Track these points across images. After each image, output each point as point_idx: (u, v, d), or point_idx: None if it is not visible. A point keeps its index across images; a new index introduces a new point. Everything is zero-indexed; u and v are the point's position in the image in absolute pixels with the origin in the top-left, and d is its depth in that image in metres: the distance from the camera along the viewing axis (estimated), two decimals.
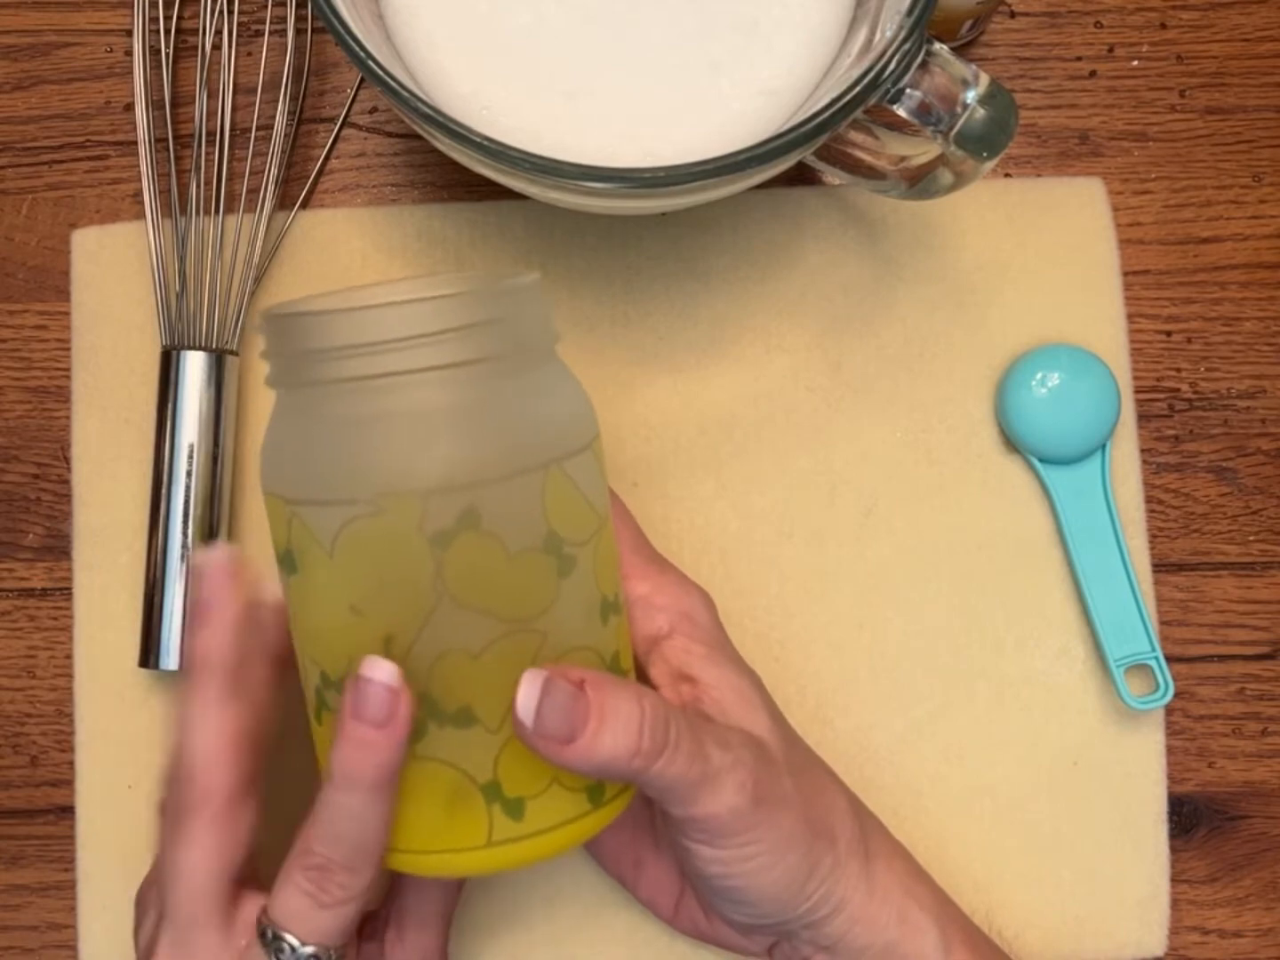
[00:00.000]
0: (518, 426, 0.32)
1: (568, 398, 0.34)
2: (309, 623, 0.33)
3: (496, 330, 0.31)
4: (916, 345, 0.45)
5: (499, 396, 0.31)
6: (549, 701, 0.30)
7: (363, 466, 0.30)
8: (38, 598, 0.44)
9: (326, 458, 0.31)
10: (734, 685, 0.36)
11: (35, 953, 0.43)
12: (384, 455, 0.30)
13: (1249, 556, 0.45)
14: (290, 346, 0.31)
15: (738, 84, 0.38)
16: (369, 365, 0.30)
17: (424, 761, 0.31)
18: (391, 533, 0.30)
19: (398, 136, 0.46)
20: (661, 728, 0.31)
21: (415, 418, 0.30)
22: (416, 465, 0.30)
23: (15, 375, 0.45)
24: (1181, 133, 0.46)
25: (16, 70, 0.46)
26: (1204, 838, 0.44)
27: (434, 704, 0.31)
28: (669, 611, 0.36)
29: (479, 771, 0.31)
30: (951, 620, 0.44)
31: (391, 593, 0.31)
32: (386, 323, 0.30)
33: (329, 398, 0.31)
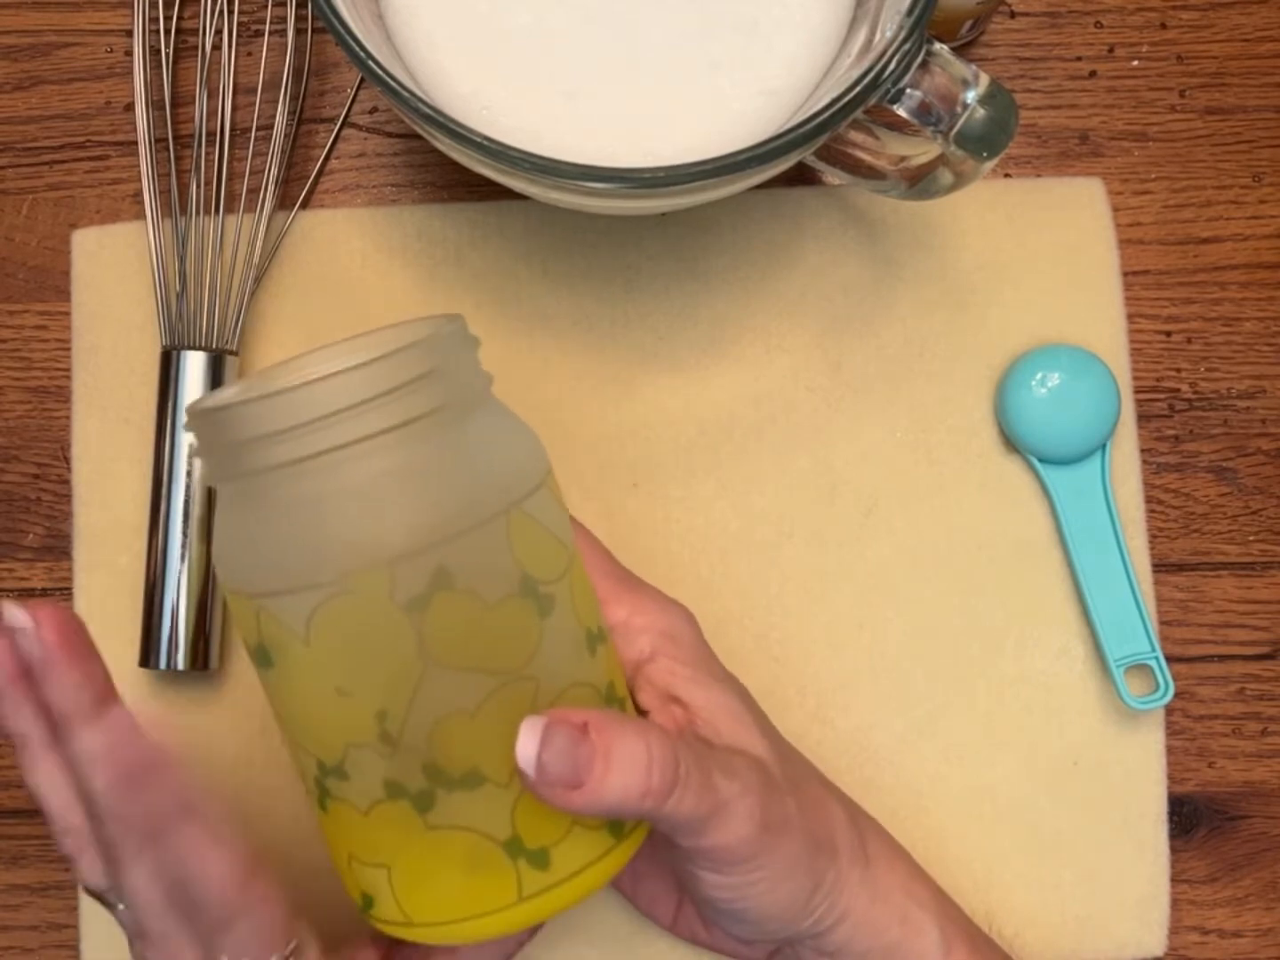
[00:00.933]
0: (470, 476, 0.31)
1: (514, 437, 0.33)
2: (295, 714, 0.32)
3: (428, 385, 0.30)
4: (916, 345, 0.45)
5: (444, 450, 0.31)
6: (550, 749, 0.29)
7: (322, 547, 0.30)
8: (37, 598, 0.44)
9: (282, 545, 0.30)
10: (725, 706, 0.35)
11: (35, 953, 0.43)
12: (341, 532, 0.29)
13: (1249, 556, 0.45)
14: (223, 439, 0.30)
15: (738, 84, 0.38)
16: (306, 445, 0.29)
17: (438, 831, 0.31)
18: (365, 608, 0.29)
19: (398, 136, 0.46)
20: (670, 764, 0.31)
21: (365, 488, 0.30)
22: (376, 536, 0.29)
23: (15, 375, 0.45)
24: (1181, 133, 0.46)
25: (17, 70, 0.46)
26: (1204, 838, 0.44)
27: (439, 771, 0.30)
28: (649, 633, 0.35)
29: (498, 830, 0.31)
30: (951, 620, 0.44)
31: (375, 668, 0.30)
32: (320, 397, 0.29)
33: (272, 483, 0.30)
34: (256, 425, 0.29)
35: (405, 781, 0.30)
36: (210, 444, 0.31)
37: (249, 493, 0.31)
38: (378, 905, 0.32)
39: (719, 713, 0.35)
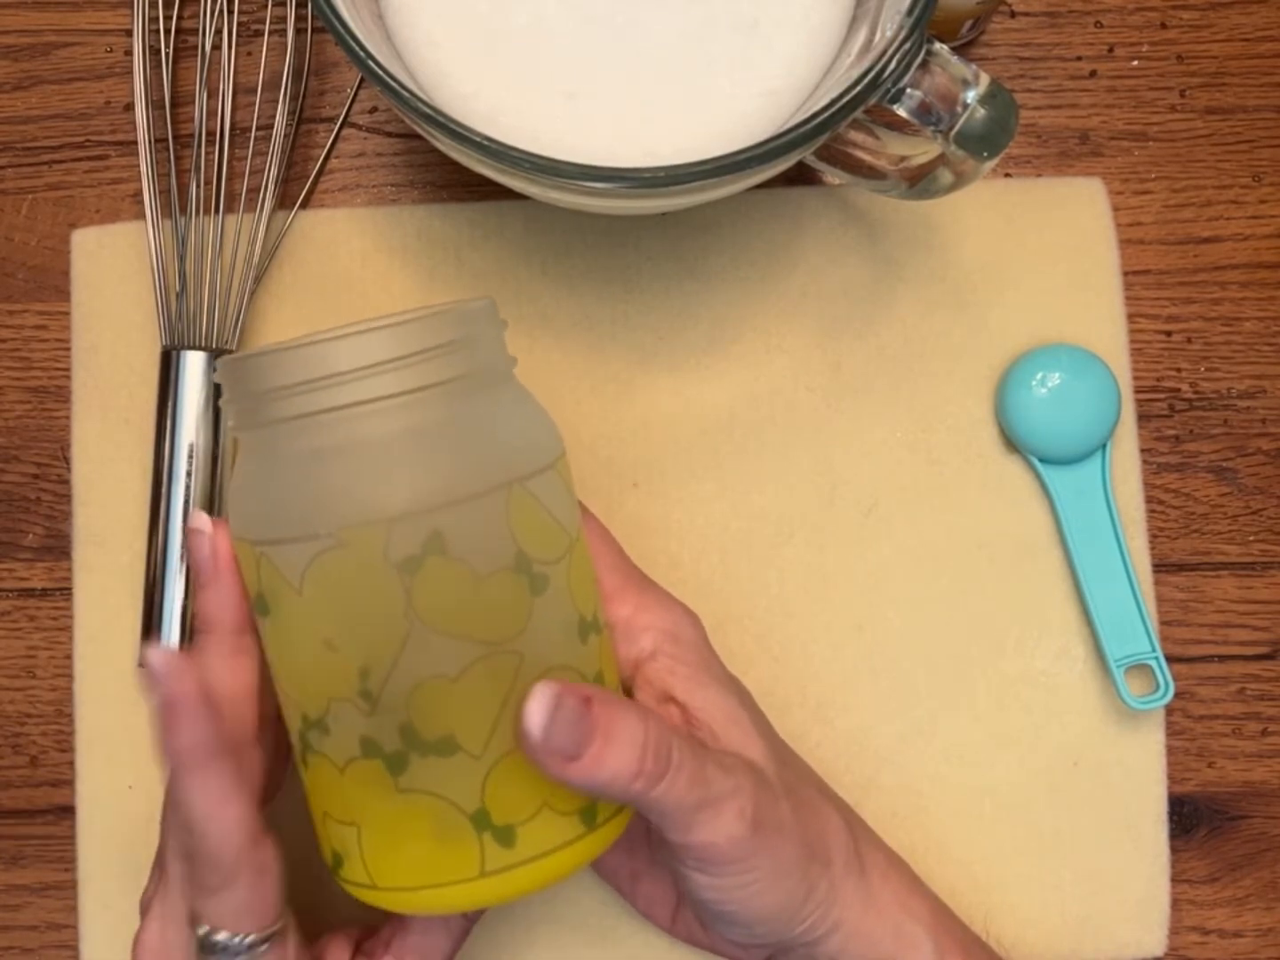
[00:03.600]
0: (476, 448, 0.32)
1: (527, 418, 0.34)
2: (286, 664, 0.32)
3: (447, 355, 0.31)
4: (916, 345, 0.45)
5: (455, 420, 0.31)
6: (558, 718, 0.30)
7: (323, 500, 0.30)
8: (38, 598, 0.44)
9: (287, 495, 0.31)
10: (723, 708, 0.35)
11: (35, 953, 0.43)
12: (343, 487, 0.30)
13: (1249, 556, 0.45)
14: (246, 389, 0.31)
15: (738, 84, 0.38)
16: (322, 399, 0.30)
17: (408, 794, 0.31)
18: (358, 564, 0.30)
19: (398, 136, 0.46)
20: (665, 750, 0.31)
21: (371, 447, 0.30)
22: (376, 494, 0.30)
23: (15, 375, 0.45)
24: (1181, 132, 0.46)
25: (16, 70, 0.46)
26: (1204, 838, 0.44)
27: (415, 734, 0.31)
28: (651, 631, 0.35)
29: (466, 800, 0.31)
30: (951, 620, 0.44)
31: (363, 624, 0.30)
32: (336, 355, 0.30)
33: (285, 435, 0.31)
34: (275, 377, 0.31)
35: (381, 741, 0.31)
36: (236, 393, 0.32)
37: (264, 442, 0.32)
38: (346, 865, 0.32)
39: (717, 715, 0.35)
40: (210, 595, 0.33)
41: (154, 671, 0.30)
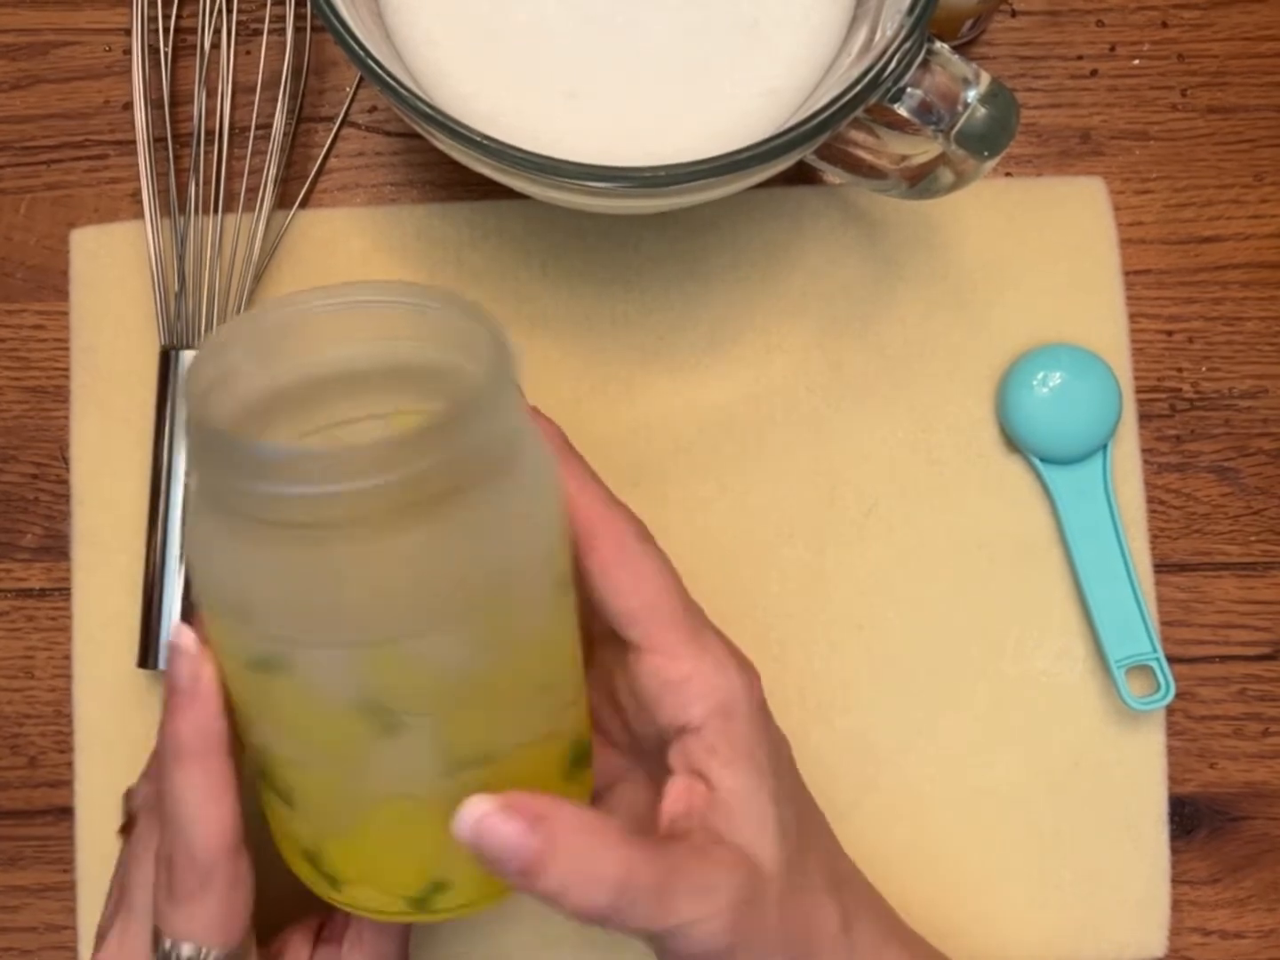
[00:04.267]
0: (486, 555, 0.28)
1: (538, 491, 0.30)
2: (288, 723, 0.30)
3: (463, 458, 0.27)
4: (916, 345, 0.45)
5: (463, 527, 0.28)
6: (492, 838, 0.28)
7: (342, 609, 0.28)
8: (36, 598, 0.44)
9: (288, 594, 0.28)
10: (749, 800, 0.33)
11: (34, 954, 0.43)
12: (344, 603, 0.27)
13: (1250, 557, 0.45)
14: (224, 470, 0.27)
15: (738, 84, 0.38)
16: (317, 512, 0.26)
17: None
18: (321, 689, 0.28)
19: (398, 136, 0.46)
20: (629, 895, 0.29)
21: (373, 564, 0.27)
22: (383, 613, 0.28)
23: (14, 375, 0.45)
24: (1183, 132, 0.46)
25: (15, 70, 0.46)
26: (1205, 839, 0.44)
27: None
28: (705, 703, 0.33)
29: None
30: (951, 620, 0.44)
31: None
32: (338, 468, 0.26)
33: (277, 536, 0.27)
34: (272, 476, 0.26)
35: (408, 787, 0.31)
36: (208, 465, 0.28)
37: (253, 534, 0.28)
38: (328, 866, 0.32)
39: (741, 805, 0.33)
40: (186, 721, 0.31)
41: (178, 649, 0.30)
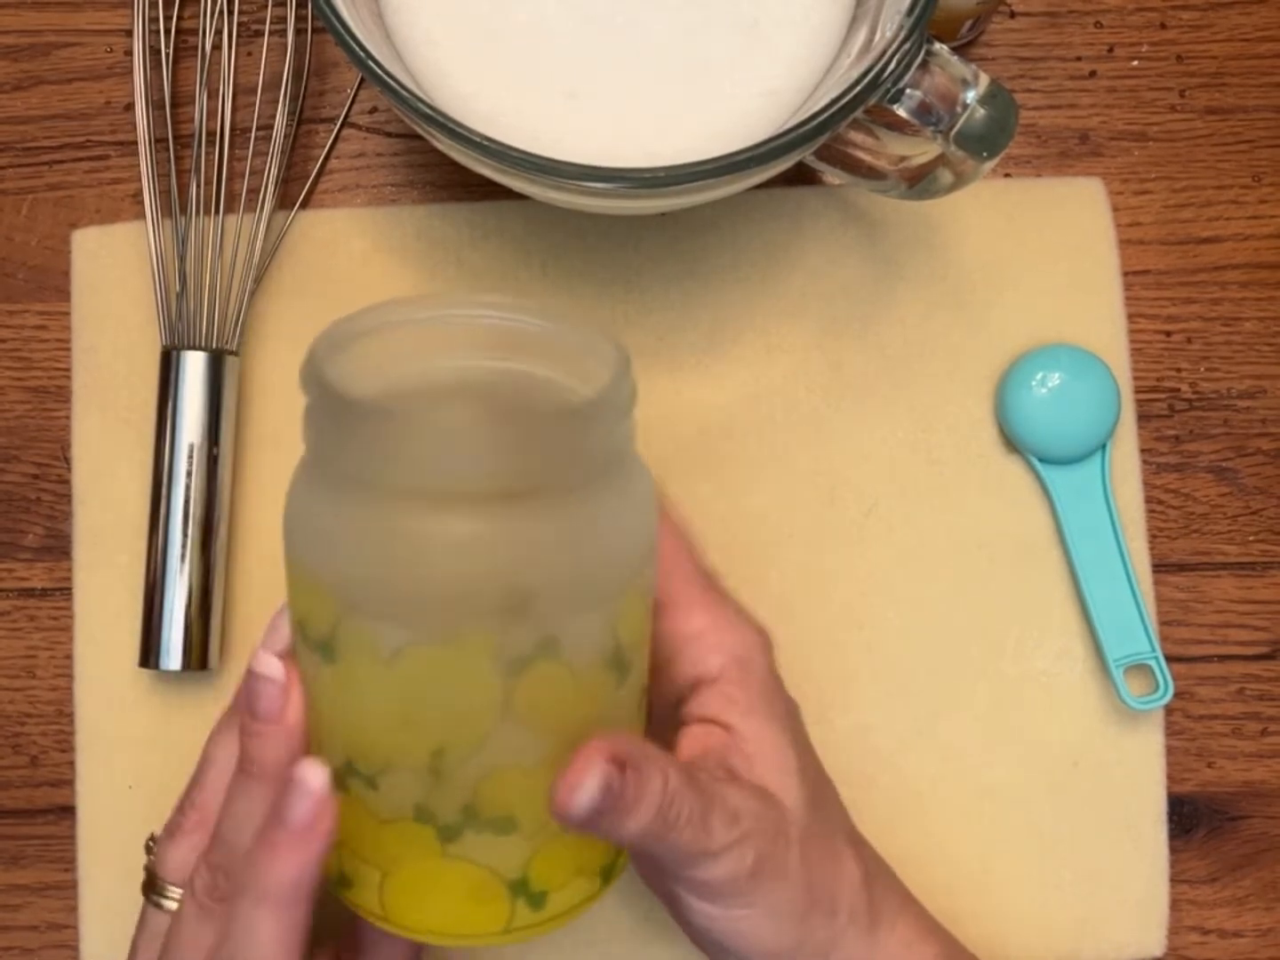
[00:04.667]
0: (601, 552, 0.29)
1: (642, 505, 0.31)
2: (345, 715, 0.30)
3: (597, 448, 0.28)
4: (916, 345, 0.45)
5: (582, 522, 0.29)
6: (599, 797, 0.29)
7: (437, 593, 0.28)
8: (38, 598, 0.44)
9: (394, 573, 0.28)
10: (770, 743, 0.34)
11: (35, 953, 0.43)
12: (462, 586, 0.28)
13: (1249, 557, 0.45)
14: (363, 438, 0.28)
15: (738, 84, 0.38)
16: (453, 482, 0.27)
17: (454, 860, 0.30)
18: (461, 663, 0.28)
19: (398, 136, 0.46)
20: (674, 806, 0.30)
21: (498, 548, 0.28)
22: (496, 599, 0.28)
23: (15, 375, 0.45)
24: (1181, 133, 0.46)
25: (16, 70, 0.46)
26: (1204, 838, 0.44)
27: (476, 813, 0.30)
28: (722, 654, 0.34)
29: (510, 870, 0.30)
30: (951, 620, 0.44)
31: (452, 714, 0.29)
32: (472, 444, 0.27)
33: (400, 510, 0.28)
34: (405, 445, 0.27)
35: (438, 812, 0.30)
36: (338, 430, 0.28)
37: (369, 501, 0.28)
38: (356, 891, 0.32)
39: (761, 748, 0.34)
40: (269, 745, 0.30)
41: (305, 790, 0.29)
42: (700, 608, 0.35)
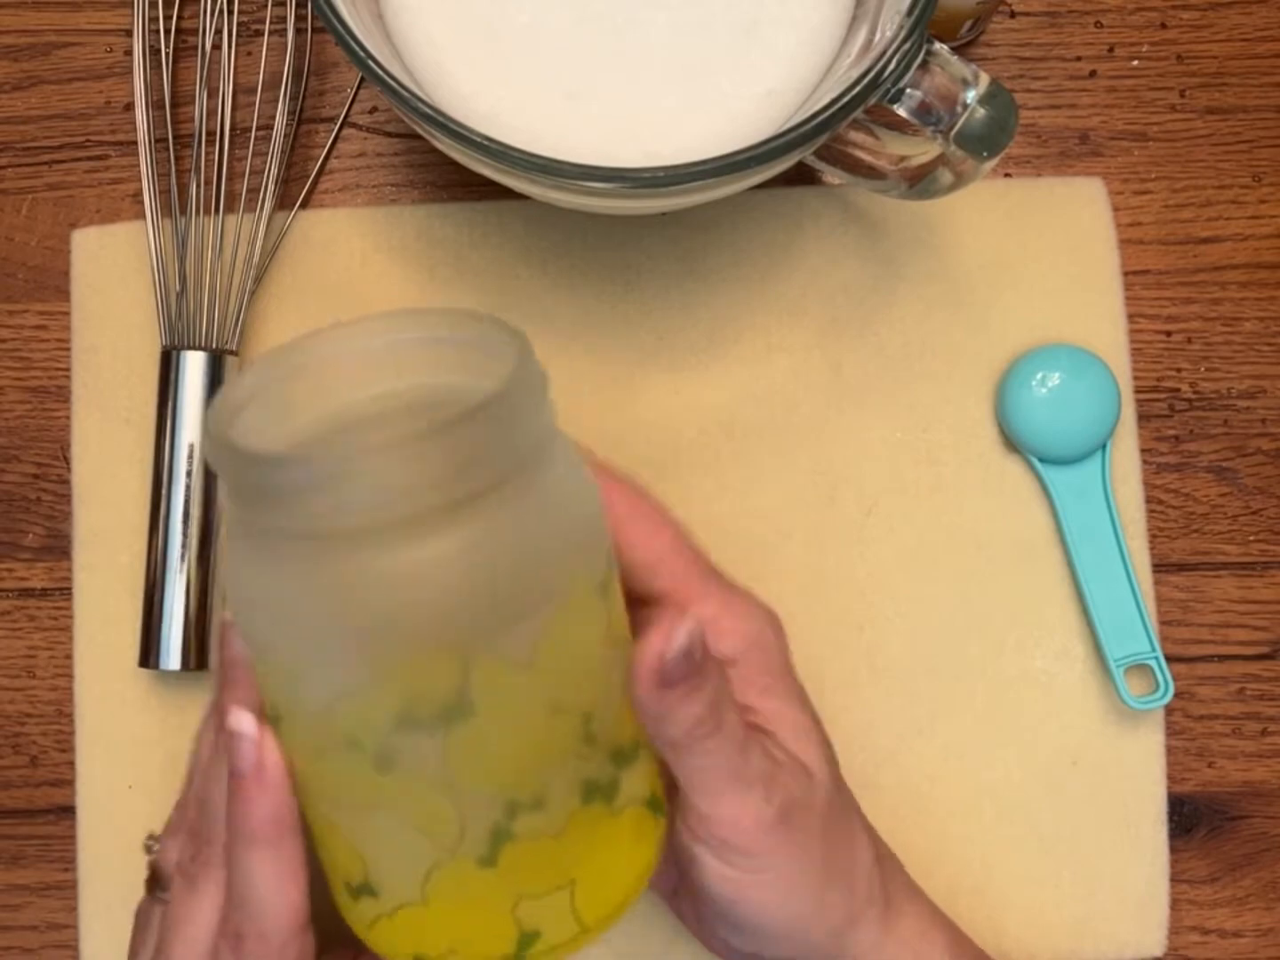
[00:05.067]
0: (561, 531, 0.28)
1: (580, 471, 0.30)
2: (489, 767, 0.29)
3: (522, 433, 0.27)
4: (916, 345, 0.45)
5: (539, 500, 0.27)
6: (685, 634, 0.30)
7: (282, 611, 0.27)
8: (38, 598, 0.44)
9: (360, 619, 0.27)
10: (792, 720, 0.35)
11: (35, 953, 0.43)
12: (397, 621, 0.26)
13: (1249, 556, 0.45)
14: (253, 489, 0.26)
15: (738, 84, 0.38)
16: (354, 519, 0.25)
17: (619, 814, 0.30)
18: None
19: (398, 136, 0.46)
20: (723, 706, 0.31)
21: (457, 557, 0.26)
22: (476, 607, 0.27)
23: (15, 375, 0.45)
24: (1181, 133, 0.46)
25: (16, 70, 0.46)
26: (1204, 838, 0.44)
27: (619, 752, 0.30)
28: (736, 637, 0.34)
29: (645, 791, 0.31)
30: (951, 620, 0.44)
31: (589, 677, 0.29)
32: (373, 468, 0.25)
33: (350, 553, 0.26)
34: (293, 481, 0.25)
35: (599, 776, 0.30)
36: (236, 486, 0.27)
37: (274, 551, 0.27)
38: (546, 934, 0.30)
39: (785, 725, 0.34)
40: (256, 808, 0.30)
41: (239, 735, 0.29)
42: (708, 595, 0.35)
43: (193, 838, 0.33)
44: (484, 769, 0.28)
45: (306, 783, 0.30)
